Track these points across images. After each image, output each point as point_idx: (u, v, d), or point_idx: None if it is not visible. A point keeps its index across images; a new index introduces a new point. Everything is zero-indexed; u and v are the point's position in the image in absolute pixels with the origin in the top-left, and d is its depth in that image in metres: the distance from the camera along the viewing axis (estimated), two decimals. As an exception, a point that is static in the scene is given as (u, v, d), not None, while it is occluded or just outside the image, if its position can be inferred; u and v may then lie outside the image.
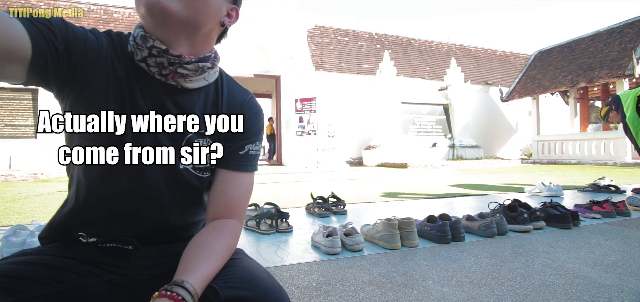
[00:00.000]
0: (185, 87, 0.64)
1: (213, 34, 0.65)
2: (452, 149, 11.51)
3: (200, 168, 0.67)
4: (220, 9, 0.63)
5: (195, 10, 0.58)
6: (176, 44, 0.60)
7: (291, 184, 4.88)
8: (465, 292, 1.05)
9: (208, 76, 0.66)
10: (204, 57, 0.64)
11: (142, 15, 0.58)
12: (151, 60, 0.59)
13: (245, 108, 0.71)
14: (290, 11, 9.69)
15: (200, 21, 0.60)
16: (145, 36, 0.59)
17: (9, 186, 5.08)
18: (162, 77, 0.61)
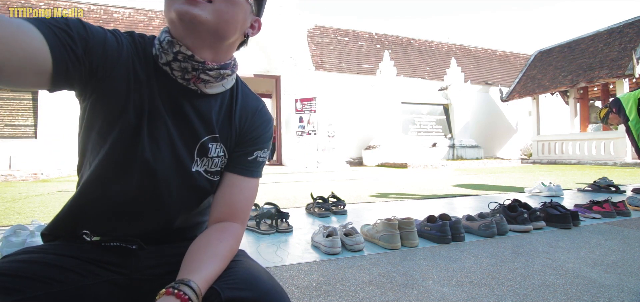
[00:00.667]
0: (204, 92, 0.66)
1: (236, 43, 0.68)
2: (452, 149, 11.51)
3: (211, 172, 0.69)
4: (246, 20, 0.66)
5: (224, 22, 0.61)
6: (201, 51, 0.62)
7: (291, 184, 4.88)
8: (465, 292, 1.05)
9: (226, 83, 0.69)
10: (225, 64, 0.66)
11: (171, 20, 0.60)
12: (175, 65, 0.61)
13: (257, 116, 0.74)
14: (290, 11, 9.69)
15: (227, 32, 0.62)
16: (172, 41, 0.60)
17: (9, 186, 5.08)
18: (184, 81, 0.63)
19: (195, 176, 0.67)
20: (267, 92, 12.74)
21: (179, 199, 0.67)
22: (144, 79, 0.62)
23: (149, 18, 11.31)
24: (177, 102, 0.64)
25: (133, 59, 0.61)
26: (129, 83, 0.60)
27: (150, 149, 0.62)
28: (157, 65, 0.63)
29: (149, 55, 0.63)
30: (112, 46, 0.58)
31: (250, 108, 0.74)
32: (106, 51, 0.57)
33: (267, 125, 0.75)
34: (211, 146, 0.68)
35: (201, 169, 0.68)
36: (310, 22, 12.48)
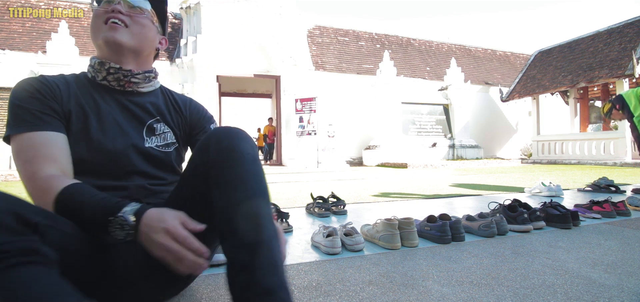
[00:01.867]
0: (139, 91, 0.89)
1: (151, 55, 0.94)
2: (452, 149, 11.51)
3: (162, 145, 0.90)
4: (155, 38, 0.92)
5: (138, 40, 0.86)
6: (126, 64, 0.86)
7: (291, 184, 4.88)
8: (465, 292, 1.05)
9: (154, 83, 0.94)
10: (148, 70, 0.90)
11: (99, 45, 0.83)
12: (110, 77, 0.85)
13: (192, 104, 1.01)
14: (290, 11, 9.69)
15: (142, 48, 0.88)
16: (102, 62, 0.84)
17: (9, 186, 5.08)
18: (121, 87, 0.87)
19: (149, 150, 0.87)
20: (267, 92, 12.73)
21: (144, 167, 0.86)
22: (90, 96, 0.83)
23: (149, 18, 11.29)
24: (120, 101, 0.86)
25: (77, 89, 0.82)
26: (72, 105, 0.80)
27: (107, 138, 0.81)
28: (96, 83, 0.85)
29: (85, 81, 0.85)
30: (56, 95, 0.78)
31: (184, 100, 1.00)
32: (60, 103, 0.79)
33: (202, 107, 1.04)
34: (157, 126, 0.90)
35: (153, 145, 0.89)
36: (310, 22, 12.48)
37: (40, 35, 9.22)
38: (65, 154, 0.75)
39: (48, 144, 0.72)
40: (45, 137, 0.72)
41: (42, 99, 0.75)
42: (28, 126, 0.72)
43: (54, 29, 8.69)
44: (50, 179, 0.68)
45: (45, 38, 8.78)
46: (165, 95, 0.97)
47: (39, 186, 0.68)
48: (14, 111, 0.73)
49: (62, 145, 0.75)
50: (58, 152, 0.73)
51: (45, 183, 0.67)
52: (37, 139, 0.71)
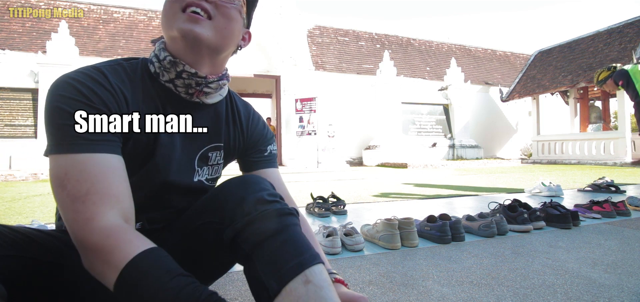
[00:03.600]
0: (206, 103, 0.71)
1: (229, 55, 0.73)
2: (452, 149, 11.51)
3: (211, 179, 0.76)
4: (240, 34, 0.72)
5: (222, 37, 0.66)
6: (201, 66, 0.66)
7: (291, 184, 4.88)
8: (465, 292, 1.05)
9: (223, 92, 0.75)
10: (222, 75, 0.72)
11: (173, 37, 0.63)
12: (179, 82, 0.66)
13: (255, 119, 0.84)
14: (290, 11, 9.69)
15: (226, 46, 0.68)
16: (174, 61, 0.64)
17: (9, 186, 5.08)
18: (187, 96, 0.68)
19: (197, 185, 0.73)
20: (267, 92, 12.74)
21: (179, 203, 0.73)
22: (151, 103, 0.65)
23: (149, 18, 11.30)
24: (181, 116, 0.68)
25: (131, 97, 0.63)
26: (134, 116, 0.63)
27: (156, 168, 0.66)
28: (157, 82, 0.66)
29: (147, 77, 0.66)
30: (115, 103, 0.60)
31: (245, 113, 0.82)
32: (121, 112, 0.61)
33: (264, 126, 0.86)
34: (211, 155, 0.74)
35: (203, 178, 0.74)
36: (310, 22, 12.47)
37: (40, 35, 9.22)
38: (127, 188, 0.57)
39: (107, 173, 0.54)
40: (103, 163, 0.54)
41: (102, 110, 0.56)
42: (80, 145, 0.53)
43: (54, 29, 8.68)
44: (113, 235, 0.51)
45: (45, 38, 8.78)
46: (229, 105, 0.78)
47: (97, 242, 0.50)
48: (58, 119, 0.54)
49: (122, 175, 0.57)
50: (120, 187, 0.55)
51: (106, 240, 0.50)
52: (92, 166, 0.53)
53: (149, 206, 0.69)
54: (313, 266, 0.52)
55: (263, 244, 0.53)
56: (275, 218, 0.55)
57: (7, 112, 8.17)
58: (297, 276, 0.50)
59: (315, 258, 0.53)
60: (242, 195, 0.58)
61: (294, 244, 0.54)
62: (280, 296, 0.49)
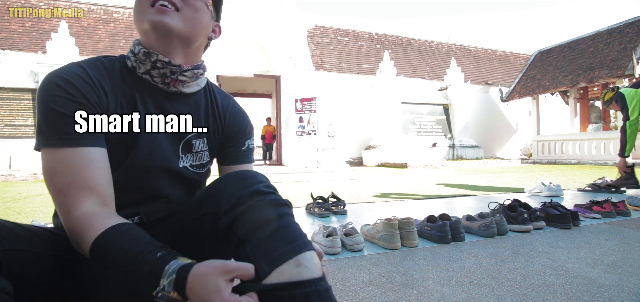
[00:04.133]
0: (183, 92, 0.74)
1: (202, 46, 0.77)
2: (452, 149, 11.51)
3: (196, 165, 0.78)
4: (209, 25, 0.76)
5: (190, 27, 0.70)
6: (174, 56, 0.70)
7: (291, 184, 4.88)
8: (465, 292, 1.05)
9: (200, 82, 0.78)
10: (197, 64, 0.75)
11: (144, 31, 0.68)
12: (155, 72, 0.69)
13: (235, 111, 0.85)
14: (290, 11, 9.68)
15: (195, 36, 0.71)
16: (148, 52, 0.68)
17: (9, 186, 5.08)
18: (164, 85, 0.72)
19: (183, 171, 0.76)
20: (267, 92, 12.74)
21: (171, 190, 0.76)
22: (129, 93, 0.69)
23: (149, 18, 11.30)
24: (161, 105, 0.72)
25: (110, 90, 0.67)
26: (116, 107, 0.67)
27: (140, 155, 0.69)
28: (136, 76, 0.70)
29: (125, 71, 0.70)
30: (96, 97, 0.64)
31: (227, 104, 0.84)
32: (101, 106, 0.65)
33: (244, 118, 0.87)
34: (195, 142, 0.77)
35: (188, 164, 0.77)
36: (310, 22, 12.47)
37: (40, 35, 9.22)
38: (106, 177, 0.62)
39: (87, 166, 0.60)
40: (84, 156, 0.60)
41: (83, 103, 0.61)
42: (64, 140, 0.59)
43: (54, 29, 8.69)
44: (86, 220, 0.57)
45: (45, 38, 8.78)
46: (208, 96, 0.81)
47: (74, 228, 0.57)
48: (47, 115, 0.59)
49: (103, 166, 0.62)
50: (99, 178, 0.60)
51: (80, 224, 0.57)
52: (74, 159, 0.59)
53: (142, 198, 0.72)
54: (305, 251, 0.53)
55: (256, 230, 0.55)
56: (270, 208, 0.57)
57: (7, 112, 8.17)
58: (290, 260, 0.51)
59: (307, 245, 0.54)
60: (239, 187, 0.60)
61: (287, 231, 0.55)
62: (269, 277, 0.50)
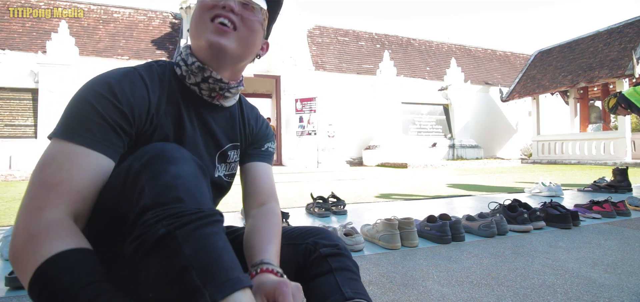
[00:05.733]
0: (222, 106, 0.76)
1: (249, 63, 0.78)
2: (452, 149, 11.51)
3: (229, 174, 0.82)
4: (260, 44, 0.76)
5: (244, 48, 0.70)
6: (223, 72, 0.71)
7: (291, 184, 4.88)
8: (465, 292, 1.05)
9: (237, 96, 0.80)
10: (240, 81, 0.77)
11: (200, 46, 0.68)
12: (204, 85, 0.70)
13: (259, 121, 0.89)
14: (290, 11, 9.68)
15: (247, 56, 0.73)
16: (202, 67, 0.69)
17: (9, 186, 5.08)
18: (209, 98, 0.73)
19: (218, 180, 0.78)
20: (267, 92, 12.74)
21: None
22: (174, 104, 0.70)
23: (149, 18, 11.30)
24: (203, 117, 0.74)
25: (159, 96, 0.68)
26: (154, 119, 0.66)
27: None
28: (183, 84, 0.71)
29: (173, 79, 0.71)
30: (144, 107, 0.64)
31: (253, 115, 0.87)
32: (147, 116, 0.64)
33: (268, 126, 0.91)
34: (231, 153, 0.80)
35: (222, 174, 0.79)
36: (310, 22, 12.47)
37: (40, 35, 9.22)
38: (96, 190, 0.56)
39: (90, 174, 0.55)
40: (94, 162, 0.55)
41: (125, 113, 0.59)
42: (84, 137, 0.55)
43: (54, 29, 8.69)
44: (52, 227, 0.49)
45: (45, 38, 8.78)
46: (240, 108, 0.83)
47: (34, 231, 0.48)
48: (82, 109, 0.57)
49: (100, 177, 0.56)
50: (91, 187, 0.55)
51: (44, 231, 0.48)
52: (82, 160, 0.54)
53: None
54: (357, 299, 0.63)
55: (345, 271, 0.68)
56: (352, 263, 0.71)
57: (7, 112, 8.16)
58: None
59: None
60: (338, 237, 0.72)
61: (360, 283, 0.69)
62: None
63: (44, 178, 0.53)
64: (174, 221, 0.46)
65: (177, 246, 0.45)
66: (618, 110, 3.00)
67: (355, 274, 0.68)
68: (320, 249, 0.69)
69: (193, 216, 0.47)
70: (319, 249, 0.69)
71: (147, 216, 0.47)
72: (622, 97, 2.93)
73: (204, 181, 0.55)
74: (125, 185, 0.51)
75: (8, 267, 1.29)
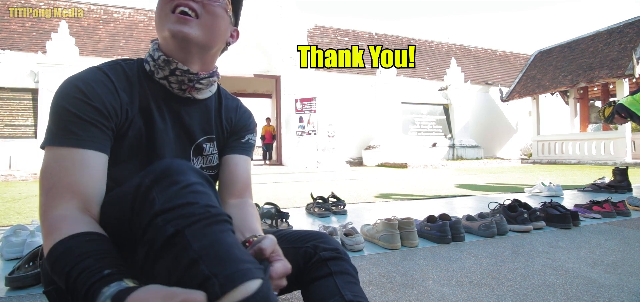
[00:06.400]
0: (195, 98, 0.76)
1: (219, 51, 0.77)
2: (452, 149, 11.51)
3: (207, 168, 0.81)
4: (227, 31, 0.75)
5: (209, 35, 0.70)
6: (191, 63, 0.71)
7: (291, 184, 4.88)
8: (465, 292, 1.05)
9: (212, 88, 0.80)
10: (212, 72, 0.76)
11: (164, 37, 0.69)
12: (173, 78, 0.71)
13: (239, 112, 0.87)
14: (290, 11, 9.68)
15: (213, 43, 0.72)
16: (168, 60, 0.69)
17: (9, 185, 5.08)
18: (180, 92, 0.73)
19: None
20: (267, 92, 12.74)
21: None
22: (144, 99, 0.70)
23: (148, 18, 11.30)
24: (175, 111, 0.74)
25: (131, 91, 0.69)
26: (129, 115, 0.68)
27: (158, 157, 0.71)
28: (153, 80, 0.72)
29: (142, 75, 0.72)
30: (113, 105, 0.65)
31: (232, 106, 0.85)
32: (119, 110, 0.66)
33: (249, 117, 0.89)
34: (206, 146, 0.79)
35: (198, 166, 0.78)
36: (310, 22, 12.48)
37: (40, 35, 9.22)
38: (97, 183, 0.61)
39: (78, 168, 0.59)
40: (78, 158, 0.59)
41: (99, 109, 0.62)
42: (67, 139, 0.59)
43: (54, 29, 8.69)
44: (58, 222, 0.54)
45: (45, 38, 8.78)
46: (217, 100, 0.83)
47: (46, 229, 0.55)
48: (60, 114, 0.61)
49: (96, 171, 0.61)
50: (87, 181, 0.59)
51: (51, 227, 0.54)
52: (67, 160, 0.59)
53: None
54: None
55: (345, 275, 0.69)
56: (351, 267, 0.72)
57: (7, 112, 8.16)
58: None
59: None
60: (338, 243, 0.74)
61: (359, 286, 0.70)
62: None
63: (43, 186, 0.59)
64: (182, 221, 0.48)
65: (185, 243, 0.46)
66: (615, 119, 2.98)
67: (355, 278, 0.70)
68: (320, 253, 0.70)
69: (201, 215, 0.49)
70: (319, 252, 0.70)
71: (156, 220, 0.48)
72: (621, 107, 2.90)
73: (211, 189, 0.56)
74: (136, 201, 0.52)
75: (8, 267, 1.29)
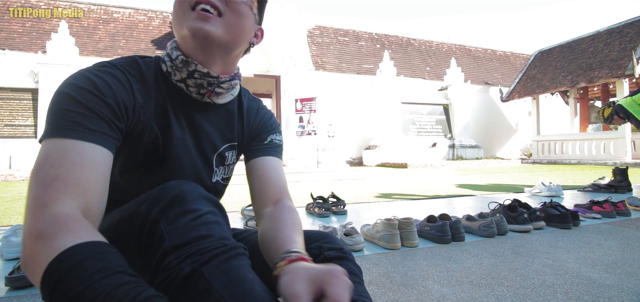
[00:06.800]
0: (217, 103, 0.70)
1: (241, 53, 0.71)
2: (452, 149, 11.51)
3: (226, 177, 0.77)
4: (251, 31, 0.69)
5: (233, 34, 0.64)
6: (212, 64, 0.65)
7: (291, 184, 4.87)
8: (465, 292, 1.05)
9: (234, 92, 0.73)
10: (234, 75, 0.70)
11: (183, 36, 0.62)
12: (191, 81, 0.65)
13: (260, 114, 0.81)
14: (290, 11, 9.68)
15: (237, 44, 0.66)
16: (187, 61, 0.63)
17: (9, 186, 5.08)
18: (198, 96, 0.67)
19: (214, 186, 0.74)
20: (267, 92, 12.74)
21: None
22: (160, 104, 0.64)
23: (149, 18, 11.30)
24: (194, 117, 0.68)
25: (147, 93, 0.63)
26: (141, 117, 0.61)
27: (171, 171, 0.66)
28: (169, 82, 0.66)
29: (159, 76, 0.65)
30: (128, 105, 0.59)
31: (254, 107, 0.80)
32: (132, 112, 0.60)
33: (271, 116, 0.83)
34: (228, 154, 0.75)
35: (219, 177, 0.75)
36: (310, 22, 12.48)
37: (40, 35, 9.22)
38: (101, 184, 0.52)
39: (85, 164, 0.50)
40: (86, 152, 0.51)
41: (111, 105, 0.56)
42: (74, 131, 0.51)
43: (54, 29, 8.69)
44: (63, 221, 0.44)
45: (45, 38, 8.78)
46: (239, 104, 0.77)
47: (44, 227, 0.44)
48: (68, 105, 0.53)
49: (102, 170, 0.53)
50: (93, 181, 0.51)
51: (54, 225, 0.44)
52: (73, 153, 0.50)
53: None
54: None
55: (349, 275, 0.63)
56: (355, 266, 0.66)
57: (7, 112, 8.17)
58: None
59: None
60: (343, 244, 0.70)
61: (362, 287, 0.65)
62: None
63: (40, 178, 0.48)
64: (198, 258, 0.44)
65: (205, 283, 0.43)
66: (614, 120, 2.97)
67: (359, 278, 0.67)
68: (325, 252, 0.67)
69: (217, 251, 0.46)
70: (324, 252, 0.67)
71: (169, 258, 0.45)
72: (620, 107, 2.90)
73: (222, 217, 0.53)
74: (143, 233, 0.49)
75: (8, 267, 1.29)
